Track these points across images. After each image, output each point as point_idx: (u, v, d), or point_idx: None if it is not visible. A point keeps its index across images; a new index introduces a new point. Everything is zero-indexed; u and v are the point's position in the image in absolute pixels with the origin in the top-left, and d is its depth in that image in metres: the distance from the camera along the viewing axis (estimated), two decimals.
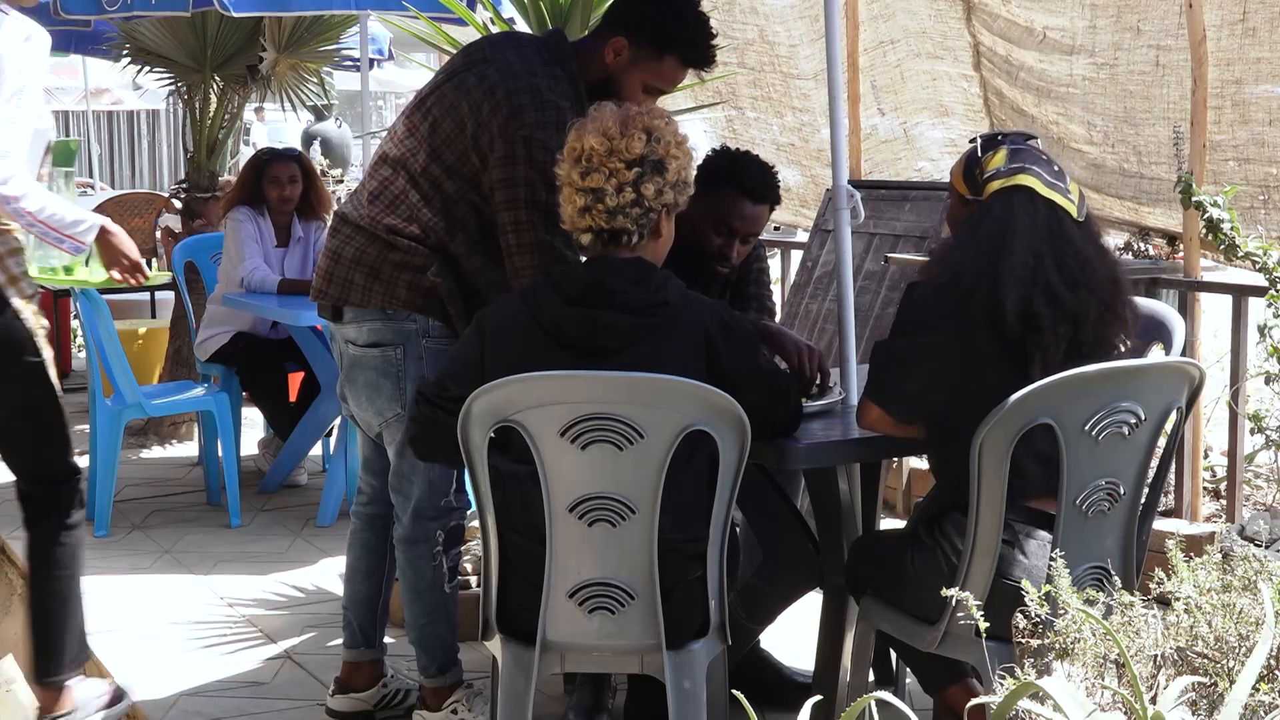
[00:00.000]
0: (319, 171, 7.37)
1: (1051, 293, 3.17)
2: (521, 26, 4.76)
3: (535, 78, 3.66)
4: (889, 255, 5.72)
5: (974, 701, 2.42)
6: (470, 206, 3.73)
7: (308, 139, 14.62)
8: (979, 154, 3.33)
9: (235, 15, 5.93)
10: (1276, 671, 2.32)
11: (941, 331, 3.21)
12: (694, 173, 3.36)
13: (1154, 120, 5.78)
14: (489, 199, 3.68)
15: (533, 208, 3.59)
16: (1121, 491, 3.20)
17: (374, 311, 3.79)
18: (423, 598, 3.89)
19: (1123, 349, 3.33)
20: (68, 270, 7.61)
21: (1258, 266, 5.11)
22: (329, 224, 4.03)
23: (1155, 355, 3.70)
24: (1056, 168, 3.31)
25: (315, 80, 8.62)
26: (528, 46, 3.79)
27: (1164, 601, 2.52)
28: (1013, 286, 3.15)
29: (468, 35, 5.82)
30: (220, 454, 6.29)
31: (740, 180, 3.95)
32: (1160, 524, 4.88)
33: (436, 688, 3.94)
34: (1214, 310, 5.71)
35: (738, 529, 3.59)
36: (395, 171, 3.78)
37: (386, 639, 4.15)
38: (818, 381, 3.70)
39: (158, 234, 10.88)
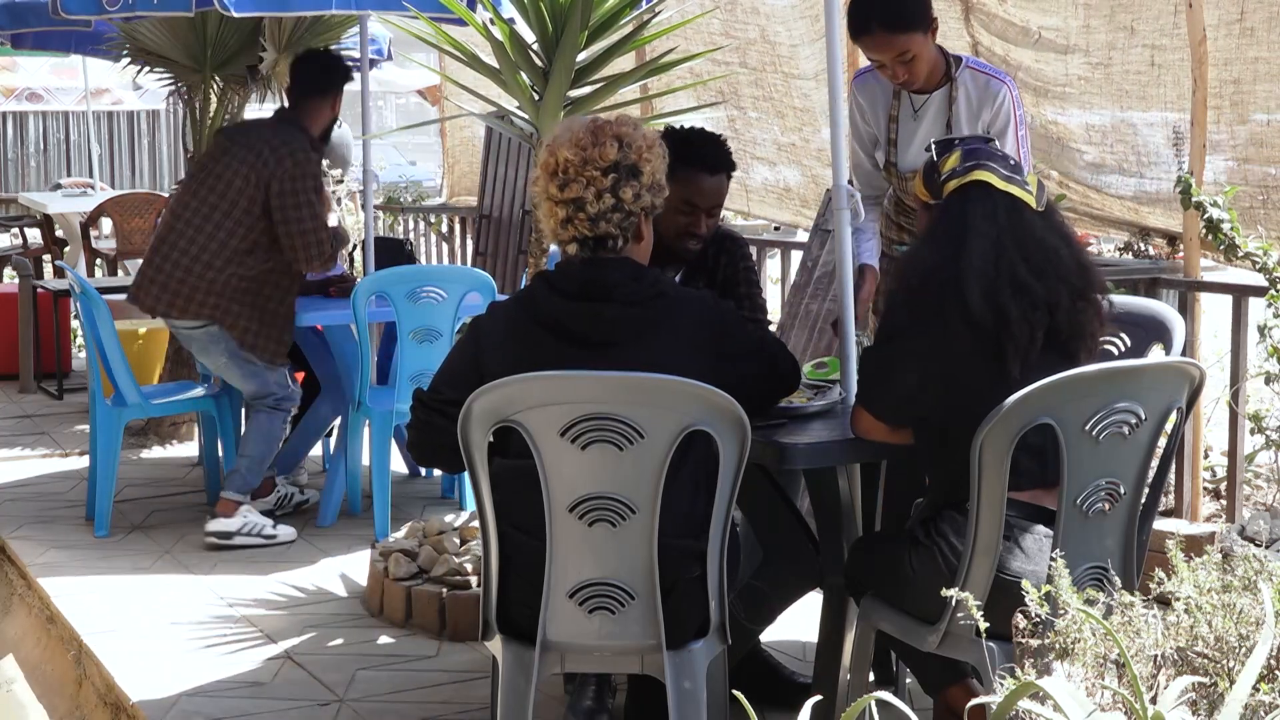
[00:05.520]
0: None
1: (1018, 282, 3.20)
2: (521, 27, 4.74)
3: None
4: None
5: (974, 701, 2.42)
6: None
7: None
8: (935, 158, 3.41)
9: (235, 15, 5.91)
10: (1276, 671, 2.32)
11: (921, 334, 3.25)
12: (665, 173, 3.40)
13: (1151, 121, 5.78)
14: None
15: None
16: (1121, 491, 3.20)
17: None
18: (271, 446, 5.80)
19: (1100, 337, 3.36)
20: None
21: (1258, 266, 5.10)
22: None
23: (1155, 355, 3.70)
24: (1012, 162, 3.37)
25: None
26: None
27: (1164, 601, 2.52)
28: (975, 280, 3.19)
29: (468, 35, 5.81)
30: (220, 454, 6.28)
31: (692, 156, 3.98)
32: (1160, 524, 4.88)
33: (235, 501, 5.65)
34: (1214, 310, 5.71)
35: (738, 529, 3.59)
36: None
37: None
38: None
39: None
